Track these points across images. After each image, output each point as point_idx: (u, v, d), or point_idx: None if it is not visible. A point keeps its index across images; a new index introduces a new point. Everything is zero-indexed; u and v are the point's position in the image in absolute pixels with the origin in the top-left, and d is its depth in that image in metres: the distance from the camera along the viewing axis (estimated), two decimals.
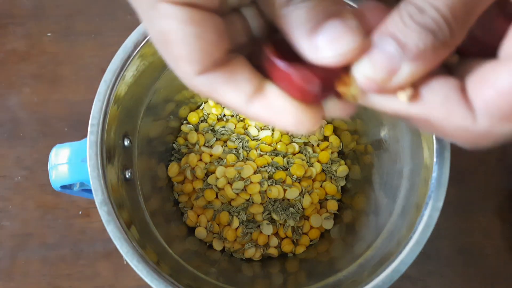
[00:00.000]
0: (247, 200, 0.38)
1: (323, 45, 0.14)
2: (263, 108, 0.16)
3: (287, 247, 0.38)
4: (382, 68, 0.14)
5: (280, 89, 0.16)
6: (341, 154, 0.41)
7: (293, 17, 0.15)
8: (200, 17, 0.14)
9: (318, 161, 0.40)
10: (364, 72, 0.15)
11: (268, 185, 0.38)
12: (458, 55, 0.16)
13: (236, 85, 0.16)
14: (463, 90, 0.14)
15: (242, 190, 0.37)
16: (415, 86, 0.15)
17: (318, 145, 0.40)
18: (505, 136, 0.14)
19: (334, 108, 0.17)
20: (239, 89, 0.16)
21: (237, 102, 0.16)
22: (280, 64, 0.16)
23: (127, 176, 0.30)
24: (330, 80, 0.15)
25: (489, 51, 0.15)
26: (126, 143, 0.30)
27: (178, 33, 0.14)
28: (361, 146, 0.38)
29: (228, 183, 0.38)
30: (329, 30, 0.14)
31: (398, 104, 0.15)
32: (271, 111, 0.16)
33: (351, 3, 0.27)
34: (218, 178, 0.38)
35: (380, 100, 0.16)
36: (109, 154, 0.27)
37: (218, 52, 0.15)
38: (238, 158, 0.39)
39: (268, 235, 0.38)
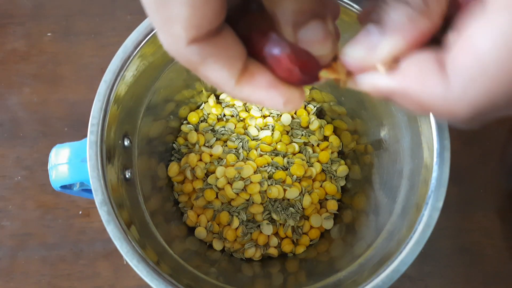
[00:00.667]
0: (247, 200, 0.38)
1: (303, 43, 0.15)
2: (251, 86, 0.15)
3: (287, 247, 0.38)
4: (362, 45, 0.15)
5: (264, 66, 0.15)
6: (341, 154, 0.41)
7: (282, 6, 0.15)
8: None
9: (318, 161, 0.40)
10: (346, 52, 0.15)
11: (268, 185, 0.38)
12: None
13: (228, 60, 0.15)
14: (440, 58, 0.14)
15: (242, 190, 0.37)
16: (398, 60, 0.15)
17: (318, 145, 0.40)
18: (481, 101, 0.13)
19: None
20: (231, 65, 0.15)
21: (225, 79, 0.15)
22: (277, 40, 0.15)
23: (127, 176, 0.30)
24: (317, 67, 0.16)
25: None
26: (126, 143, 0.30)
27: None
28: (361, 146, 0.38)
29: (228, 183, 0.38)
30: (310, 32, 0.15)
31: (378, 78, 0.15)
32: (260, 89, 0.15)
33: (352, 3, 0.27)
34: (218, 178, 0.38)
35: (364, 79, 0.16)
36: (109, 154, 0.27)
37: (217, 21, 0.14)
38: (238, 158, 0.38)
39: (268, 235, 0.38)
